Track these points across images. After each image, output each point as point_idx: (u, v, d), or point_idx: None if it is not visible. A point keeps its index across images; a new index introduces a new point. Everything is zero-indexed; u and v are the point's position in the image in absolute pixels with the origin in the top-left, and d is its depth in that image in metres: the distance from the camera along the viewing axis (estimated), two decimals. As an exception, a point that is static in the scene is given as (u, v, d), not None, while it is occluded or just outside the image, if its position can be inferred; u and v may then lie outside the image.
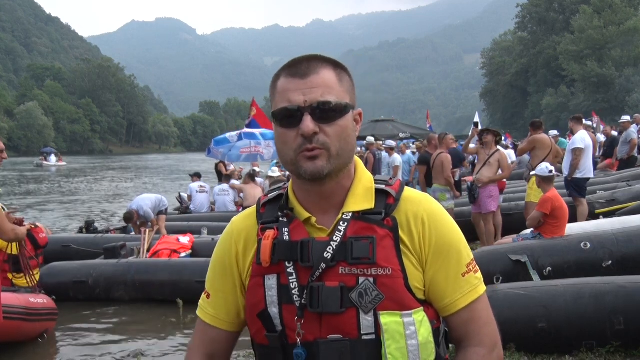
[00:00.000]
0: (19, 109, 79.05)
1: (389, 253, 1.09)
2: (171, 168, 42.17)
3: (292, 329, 1.10)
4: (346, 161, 1.12)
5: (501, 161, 7.26)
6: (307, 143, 1.07)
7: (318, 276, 1.08)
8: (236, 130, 13.38)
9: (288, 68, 1.12)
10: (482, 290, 1.17)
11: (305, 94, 1.08)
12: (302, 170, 1.09)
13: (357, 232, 1.10)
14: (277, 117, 1.11)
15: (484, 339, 1.15)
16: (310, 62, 1.11)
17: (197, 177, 12.04)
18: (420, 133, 21.15)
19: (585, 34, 52.32)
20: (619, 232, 5.15)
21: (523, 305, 3.84)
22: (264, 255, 1.11)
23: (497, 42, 79.90)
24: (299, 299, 1.09)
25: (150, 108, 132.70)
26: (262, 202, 1.23)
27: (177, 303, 5.43)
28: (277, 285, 1.12)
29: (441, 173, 7.66)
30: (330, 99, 1.08)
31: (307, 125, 1.06)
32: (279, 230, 1.14)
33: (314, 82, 1.09)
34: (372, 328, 1.07)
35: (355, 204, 1.13)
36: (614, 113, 26.61)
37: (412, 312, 1.08)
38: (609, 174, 11.56)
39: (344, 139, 1.10)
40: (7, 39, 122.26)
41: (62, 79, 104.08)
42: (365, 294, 1.06)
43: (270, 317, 1.12)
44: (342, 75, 1.13)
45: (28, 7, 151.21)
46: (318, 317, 1.08)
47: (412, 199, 1.16)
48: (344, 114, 1.10)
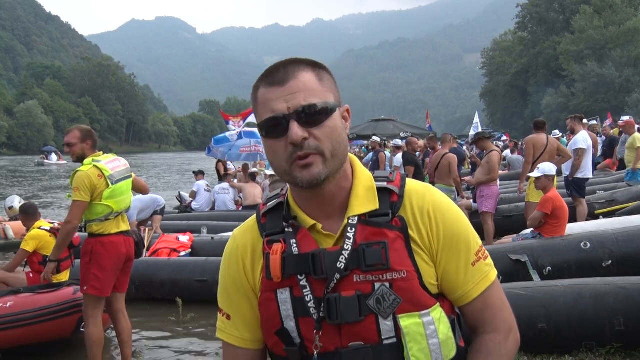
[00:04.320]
0: (18, 107, 79.04)
1: (402, 255, 1.07)
2: (171, 167, 42.16)
3: (311, 340, 1.08)
4: (341, 161, 1.09)
5: (489, 163, 7.37)
6: (297, 150, 1.03)
7: (333, 287, 1.06)
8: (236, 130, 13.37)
9: (265, 77, 1.08)
10: (494, 276, 1.16)
11: (287, 100, 1.04)
12: (298, 180, 1.06)
13: (368, 238, 1.07)
14: (263, 128, 1.07)
15: (500, 325, 1.15)
16: (286, 67, 1.07)
17: (201, 174, 12.04)
18: (421, 133, 21.17)
19: (586, 34, 52.30)
20: (619, 232, 5.15)
21: (523, 305, 3.83)
22: (274, 270, 1.08)
23: (497, 42, 79.82)
24: (316, 311, 1.07)
25: (150, 107, 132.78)
26: (261, 212, 1.18)
27: (177, 302, 5.42)
28: (290, 299, 1.09)
29: (447, 174, 7.71)
30: (314, 101, 1.04)
31: (295, 133, 1.02)
32: (286, 242, 1.10)
33: (294, 87, 1.05)
34: (392, 332, 1.06)
35: (359, 207, 1.10)
36: (614, 113, 26.63)
37: (430, 311, 1.07)
38: (609, 174, 11.55)
39: (336, 139, 1.06)
40: (7, 37, 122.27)
41: (62, 78, 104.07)
42: (383, 300, 1.05)
43: (288, 332, 1.10)
44: (321, 74, 1.09)
45: (28, 6, 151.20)
46: (337, 327, 1.07)
47: (416, 192, 1.14)
48: (331, 114, 1.06)
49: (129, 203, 3.99)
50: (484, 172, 7.41)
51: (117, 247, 3.81)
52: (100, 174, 3.73)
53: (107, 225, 3.78)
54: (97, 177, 3.71)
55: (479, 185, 7.45)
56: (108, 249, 3.75)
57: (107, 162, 3.84)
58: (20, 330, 4.27)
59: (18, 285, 5.05)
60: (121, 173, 3.90)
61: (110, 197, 3.74)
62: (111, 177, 3.77)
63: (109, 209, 3.76)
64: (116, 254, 3.80)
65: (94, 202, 3.72)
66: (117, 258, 3.81)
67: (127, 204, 3.97)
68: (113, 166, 3.85)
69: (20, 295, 4.49)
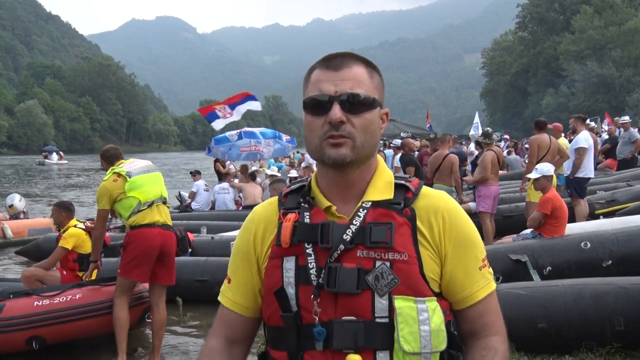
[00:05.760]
0: (19, 107, 78.97)
1: (406, 240, 1.12)
2: (171, 167, 42.16)
3: (307, 309, 1.12)
4: (369, 154, 1.16)
5: (482, 162, 7.44)
6: (333, 130, 1.12)
7: (336, 257, 1.11)
8: (236, 129, 13.36)
9: (323, 62, 1.18)
10: (495, 286, 1.22)
11: (336, 84, 1.13)
12: (325, 157, 1.13)
13: (376, 218, 1.14)
14: (308, 105, 1.16)
15: (499, 329, 1.21)
16: (344, 57, 1.17)
17: (198, 174, 12.04)
18: (421, 133, 21.17)
19: (586, 34, 52.32)
20: (619, 232, 5.15)
21: (523, 305, 3.84)
22: (284, 236, 1.15)
23: (497, 41, 79.82)
24: (316, 278, 1.12)
25: (150, 107, 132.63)
26: (284, 192, 1.26)
27: (177, 302, 5.42)
28: (295, 267, 1.14)
29: (449, 174, 7.72)
30: (359, 92, 1.13)
31: (334, 113, 1.11)
32: (300, 214, 1.18)
33: (345, 75, 1.14)
34: (385, 311, 1.09)
35: (375, 194, 1.17)
36: (614, 113, 26.65)
37: (426, 300, 1.10)
38: (609, 174, 11.55)
39: (369, 132, 1.14)
40: (7, 36, 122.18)
41: (62, 77, 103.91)
42: (381, 277, 1.09)
43: (286, 296, 1.14)
44: (372, 73, 1.19)
45: (28, 5, 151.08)
46: (333, 298, 1.11)
47: (431, 195, 1.21)
48: (372, 108, 1.15)
49: (157, 193, 4.32)
50: (478, 172, 7.51)
51: (148, 238, 4.14)
52: (116, 178, 4.21)
53: (139, 217, 4.16)
54: (113, 182, 4.20)
55: (475, 184, 7.54)
56: (137, 239, 4.12)
57: (125, 165, 4.32)
58: (92, 321, 4.42)
59: (53, 283, 5.10)
60: (141, 168, 4.35)
61: (132, 189, 4.16)
62: (128, 173, 4.22)
63: (136, 199, 4.17)
64: (145, 244, 4.13)
65: (123, 198, 4.16)
66: (146, 248, 4.13)
67: (155, 194, 4.29)
68: (130, 165, 4.33)
69: (85, 288, 4.58)
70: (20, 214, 10.25)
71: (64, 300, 4.41)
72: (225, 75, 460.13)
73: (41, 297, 4.40)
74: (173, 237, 4.35)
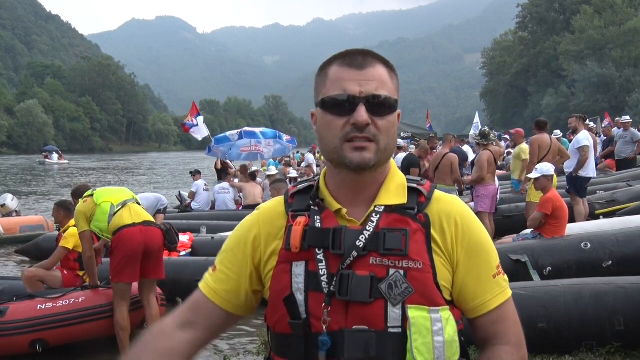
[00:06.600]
0: (19, 106, 78.93)
1: (421, 247, 1.09)
2: (171, 166, 42.16)
3: (317, 317, 1.07)
4: (388, 157, 1.13)
5: (478, 162, 7.43)
6: (356, 132, 1.07)
7: (349, 264, 1.07)
8: (236, 129, 13.39)
9: (342, 58, 1.13)
10: (510, 293, 1.18)
11: (361, 84, 1.09)
12: (347, 160, 1.09)
13: (391, 224, 1.10)
14: (328, 104, 1.10)
15: (512, 338, 1.16)
16: (366, 55, 1.12)
17: (198, 174, 12.04)
18: (421, 133, 21.17)
19: (586, 34, 52.31)
20: (619, 232, 5.15)
21: (523, 305, 3.83)
22: (294, 240, 1.10)
23: (497, 41, 79.78)
24: (327, 286, 1.07)
25: (150, 106, 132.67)
26: (290, 192, 1.21)
27: (177, 302, 5.42)
28: (305, 272, 1.10)
29: (449, 174, 7.69)
30: (384, 94, 1.10)
31: (361, 115, 1.07)
32: (310, 217, 1.13)
33: (370, 75, 1.10)
34: (399, 321, 1.05)
35: (388, 199, 1.13)
36: (614, 113, 26.65)
37: (440, 309, 1.07)
38: (609, 174, 11.56)
39: (392, 135, 1.12)
40: (7, 36, 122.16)
41: (62, 77, 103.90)
42: (395, 286, 1.05)
43: (296, 302, 1.09)
44: (392, 74, 1.15)
45: (28, 5, 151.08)
46: (345, 307, 1.07)
47: (444, 199, 1.17)
48: (393, 110, 1.12)
49: (127, 195, 4.45)
50: (475, 172, 7.54)
51: (130, 237, 4.19)
52: (85, 200, 4.40)
53: (117, 219, 4.25)
54: (83, 203, 4.37)
55: (473, 184, 7.56)
56: (121, 241, 4.18)
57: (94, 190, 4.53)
58: (96, 324, 4.43)
59: (54, 283, 5.10)
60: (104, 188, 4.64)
61: (100, 197, 4.33)
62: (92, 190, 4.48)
63: (107, 203, 4.31)
64: (129, 244, 4.18)
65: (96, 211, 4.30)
66: (130, 248, 4.18)
67: (125, 196, 4.43)
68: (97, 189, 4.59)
69: (88, 292, 4.60)
70: (12, 213, 10.36)
71: (67, 304, 4.41)
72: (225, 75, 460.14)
73: (44, 300, 4.40)
74: (157, 233, 4.38)
